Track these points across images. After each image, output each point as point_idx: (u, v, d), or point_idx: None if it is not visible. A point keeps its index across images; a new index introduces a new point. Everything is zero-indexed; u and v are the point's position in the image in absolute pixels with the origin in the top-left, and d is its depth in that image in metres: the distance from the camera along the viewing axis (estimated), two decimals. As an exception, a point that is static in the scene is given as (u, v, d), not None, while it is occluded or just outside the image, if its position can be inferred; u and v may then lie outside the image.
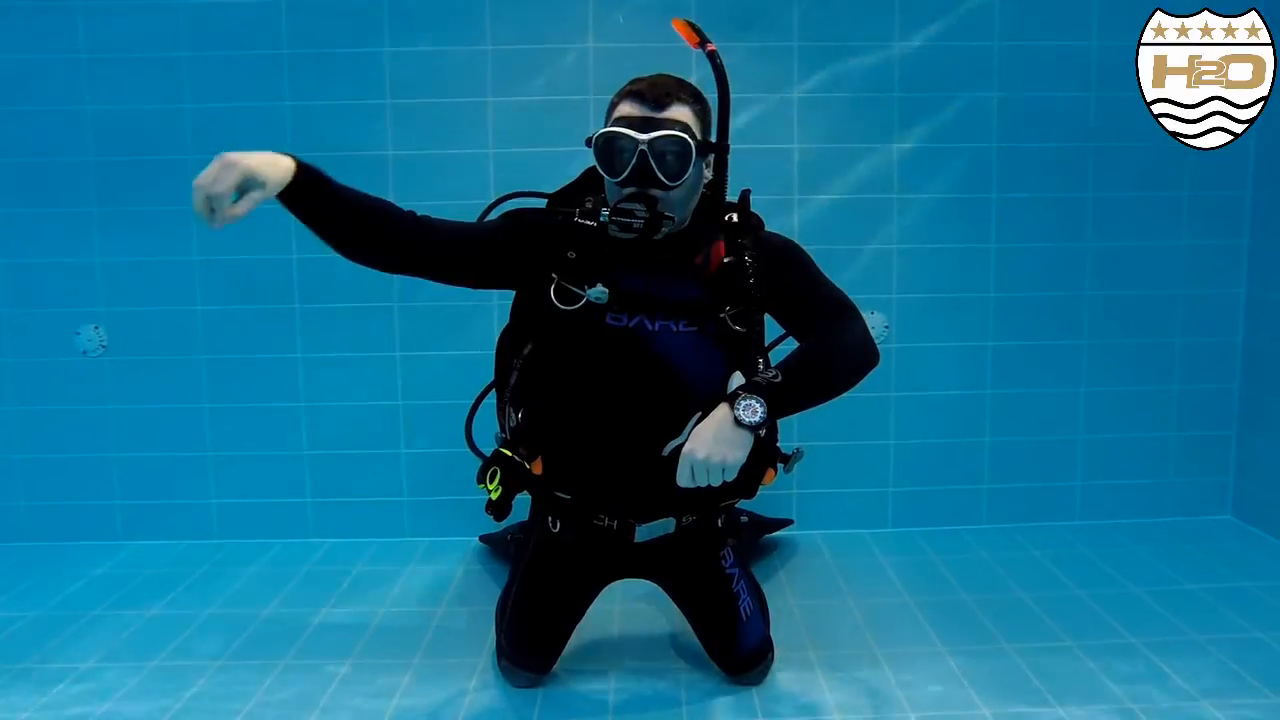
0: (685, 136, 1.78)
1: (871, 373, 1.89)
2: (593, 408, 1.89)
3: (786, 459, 1.94)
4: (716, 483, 1.73)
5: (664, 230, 1.82)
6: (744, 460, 1.72)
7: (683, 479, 1.74)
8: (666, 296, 1.87)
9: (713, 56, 1.86)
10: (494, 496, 1.91)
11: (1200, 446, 3.07)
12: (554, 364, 1.92)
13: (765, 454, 1.93)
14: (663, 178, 1.78)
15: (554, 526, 2.01)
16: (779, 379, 1.75)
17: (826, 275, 1.97)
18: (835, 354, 1.85)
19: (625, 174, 1.79)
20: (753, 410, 1.71)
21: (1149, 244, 2.98)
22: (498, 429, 2.11)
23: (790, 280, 1.93)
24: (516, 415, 1.99)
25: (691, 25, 1.89)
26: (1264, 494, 2.96)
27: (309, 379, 2.96)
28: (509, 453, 1.94)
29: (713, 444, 1.71)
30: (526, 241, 1.92)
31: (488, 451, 2.00)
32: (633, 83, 1.86)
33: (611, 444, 1.89)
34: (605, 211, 1.80)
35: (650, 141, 1.77)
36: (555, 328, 1.89)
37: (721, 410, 1.74)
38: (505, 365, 2.08)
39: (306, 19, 2.83)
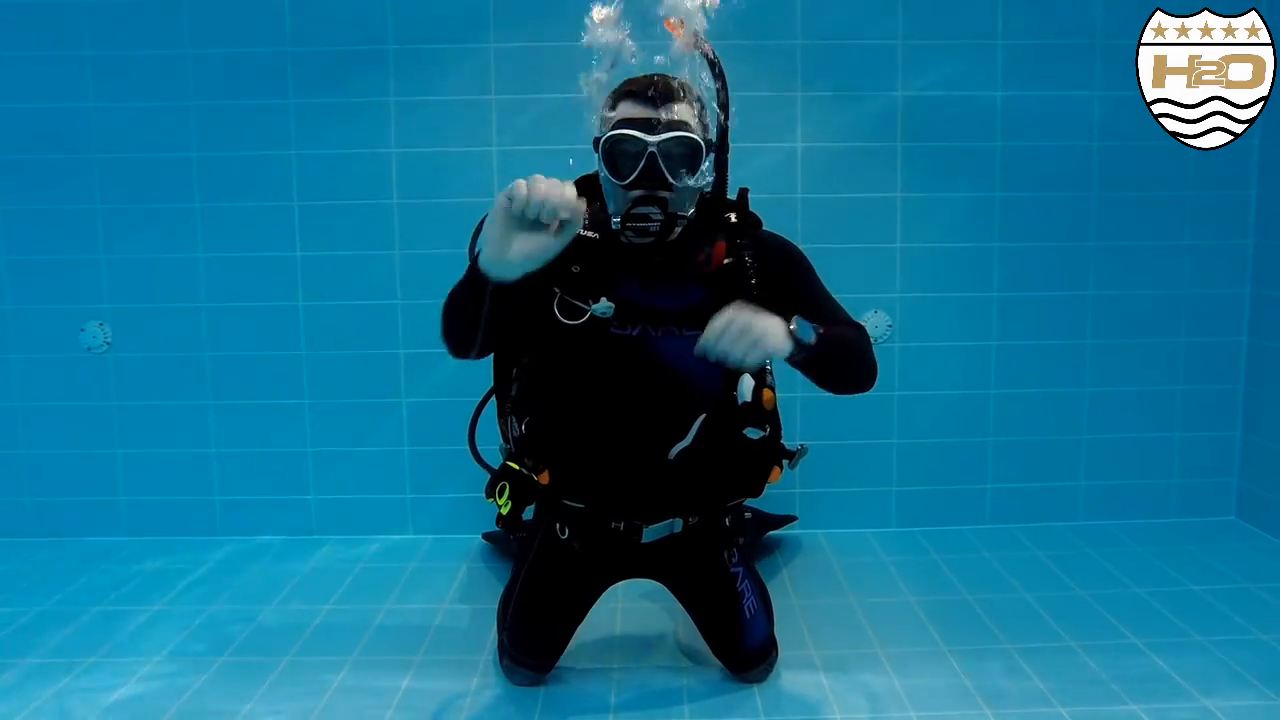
0: (694, 137, 1.75)
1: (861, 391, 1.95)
2: (598, 416, 1.87)
3: (791, 455, 1.93)
4: (735, 356, 1.61)
5: (677, 231, 1.80)
6: (765, 357, 1.65)
7: (712, 333, 1.62)
8: (670, 306, 1.85)
9: (710, 56, 1.83)
10: (504, 511, 1.91)
11: (1204, 447, 3.06)
12: (556, 374, 1.90)
13: (771, 452, 1.93)
14: (671, 179, 1.75)
15: (562, 533, 2.00)
16: (822, 329, 1.74)
17: (827, 288, 1.98)
18: (858, 347, 1.89)
19: (633, 177, 1.74)
20: (804, 330, 1.69)
21: (1153, 244, 2.97)
22: (501, 440, 2.08)
23: (796, 287, 1.92)
24: (520, 426, 1.96)
25: (685, 25, 1.85)
26: (1268, 495, 2.95)
27: (313, 376, 2.97)
28: (516, 465, 1.94)
29: (755, 319, 1.63)
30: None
31: (490, 460, 1.98)
32: (629, 83, 1.81)
33: (618, 450, 1.87)
34: (616, 220, 1.77)
35: (660, 143, 1.73)
36: (557, 340, 1.86)
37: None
38: (503, 376, 2.04)
39: (308, 18, 2.83)
